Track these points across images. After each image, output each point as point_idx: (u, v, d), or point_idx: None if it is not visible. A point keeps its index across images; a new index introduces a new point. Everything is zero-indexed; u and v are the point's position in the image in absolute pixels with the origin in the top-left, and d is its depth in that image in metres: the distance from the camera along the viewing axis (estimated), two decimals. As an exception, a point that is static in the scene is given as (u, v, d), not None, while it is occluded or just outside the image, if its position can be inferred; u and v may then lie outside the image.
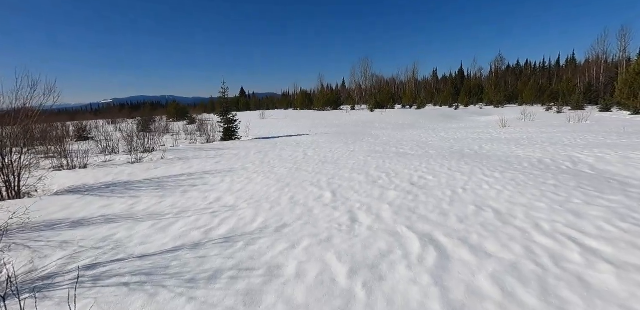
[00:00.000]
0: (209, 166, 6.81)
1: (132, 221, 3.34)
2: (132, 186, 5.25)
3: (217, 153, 8.82)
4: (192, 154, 8.85)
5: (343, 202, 3.64)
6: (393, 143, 9.89)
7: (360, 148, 8.83)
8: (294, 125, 19.50)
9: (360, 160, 6.58)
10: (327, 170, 5.61)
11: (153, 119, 29.43)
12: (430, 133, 13.27)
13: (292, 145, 9.95)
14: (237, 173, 5.81)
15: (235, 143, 11.31)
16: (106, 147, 9.57)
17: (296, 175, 5.29)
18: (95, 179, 6.04)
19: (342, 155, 7.41)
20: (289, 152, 8.41)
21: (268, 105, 58.20)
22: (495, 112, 31.84)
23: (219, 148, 9.97)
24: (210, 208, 3.69)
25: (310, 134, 13.98)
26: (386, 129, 16.34)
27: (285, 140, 11.60)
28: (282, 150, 8.98)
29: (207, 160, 7.57)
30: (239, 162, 7.14)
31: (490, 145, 8.26)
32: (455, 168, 5.14)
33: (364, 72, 59.21)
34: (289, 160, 7.14)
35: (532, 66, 61.84)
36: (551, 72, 57.09)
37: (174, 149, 10.14)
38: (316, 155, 7.75)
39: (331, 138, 12.00)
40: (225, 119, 12.66)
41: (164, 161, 7.74)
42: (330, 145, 9.60)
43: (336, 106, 43.34)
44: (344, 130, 15.52)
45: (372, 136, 12.56)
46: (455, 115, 29.45)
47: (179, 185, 5.10)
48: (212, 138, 12.42)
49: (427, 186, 4.12)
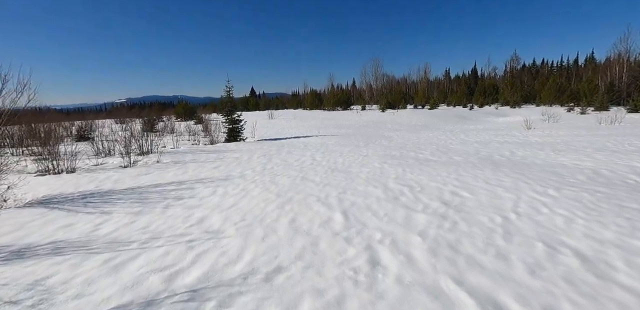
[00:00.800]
0: (204, 172, 6.05)
1: (84, 253, 2.57)
2: (110, 197, 4.51)
3: (217, 156, 8.08)
4: (191, 157, 8.12)
5: (358, 229, 2.79)
6: (409, 146, 8.97)
7: (374, 152, 7.95)
8: (303, 126, 18.70)
9: (376, 167, 5.71)
10: (337, 180, 4.77)
11: (160, 119, 29.11)
12: (449, 135, 12.27)
13: (300, 148, 9.14)
14: (233, 182, 5.02)
15: (239, 145, 10.57)
16: (102, 149, 8.93)
17: (300, 187, 4.46)
18: (76, 186, 5.34)
19: (354, 161, 6.56)
20: (295, 156, 7.60)
21: (277, 105, 57.59)
22: (512, 113, 30.43)
23: (221, 150, 9.23)
24: (188, 234, 2.90)
25: (320, 135, 13.14)
26: (399, 131, 15.39)
27: (292, 142, 10.81)
28: (288, 153, 8.17)
29: (205, 165, 6.82)
30: (238, 168, 6.36)
31: (523, 151, 7.27)
32: (493, 181, 4.23)
33: (375, 71, 58.08)
34: (295, 166, 6.32)
35: (550, 65, 59.71)
36: (570, 71, 54.96)
37: (173, 151, 9.45)
38: (325, 160, 6.92)
39: (341, 140, 11.14)
40: (230, 119, 11.94)
41: (159, 165, 7.03)
42: (340, 149, 8.75)
43: (346, 106, 42.43)
44: (355, 132, 14.64)
45: (385, 138, 11.65)
46: (471, 116, 28.18)
47: (164, 197, 4.34)
48: (215, 139, 11.72)
49: (464, 207, 3.24)
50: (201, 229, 3.02)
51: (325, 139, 11.48)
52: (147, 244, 2.72)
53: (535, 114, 25.19)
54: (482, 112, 32.09)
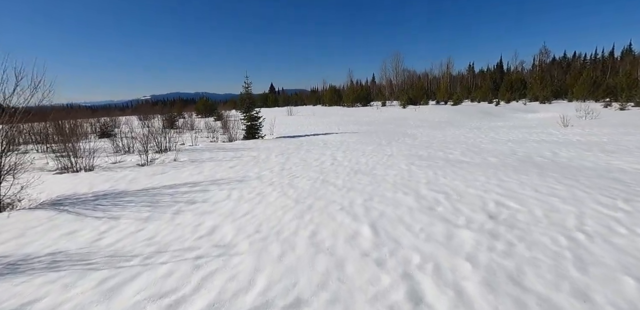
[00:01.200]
0: (220, 172, 5.78)
1: (80, 269, 2.29)
2: (122, 199, 4.30)
3: (234, 154, 7.82)
4: (209, 155, 7.91)
5: (391, 249, 2.37)
6: (436, 145, 8.38)
7: (399, 151, 7.44)
8: (322, 123, 18.28)
9: (403, 169, 5.23)
10: (361, 184, 4.34)
11: (181, 115, 29.50)
12: (477, 133, 11.51)
13: (319, 147, 8.75)
14: (250, 184, 4.69)
15: (257, 142, 10.30)
16: (121, 146, 8.88)
17: (321, 191, 4.06)
18: (90, 186, 5.19)
19: (379, 162, 6.09)
20: (315, 155, 7.22)
21: (296, 101, 57.42)
22: (541, 109, 28.74)
23: (239, 148, 8.98)
24: (196, 247, 2.57)
25: (340, 132, 12.69)
26: (423, 127, 14.68)
27: (311, 140, 10.43)
28: (307, 152, 7.80)
29: (221, 164, 6.56)
30: (255, 168, 6.04)
31: (566, 151, 6.56)
32: (543, 188, 3.68)
33: (395, 66, 56.64)
34: (314, 167, 5.93)
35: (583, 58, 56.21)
36: (605, 64, 51.49)
37: (192, 148, 9.30)
38: (346, 160, 6.49)
39: (363, 138, 10.66)
40: (248, 116, 11.69)
41: (175, 164, 6.84)
42: (362, 147, 8.28)
43: (366, 102, 41.59)
44: (376, 129, 14.08)
45: (408, 136, 11.06)
46: (497, 112, 26.80)
47: (175, 200, 4.06)
48: (233, 136, 11.51)
49: (516, 222, 2.74)
50: (211, 241, 2.69)
51: (345, 137, 11.02)
52: (150, 259, 2.41)
53: (569, 110, 23.59)
54: (509, 108, 30.52)
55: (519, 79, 47.14)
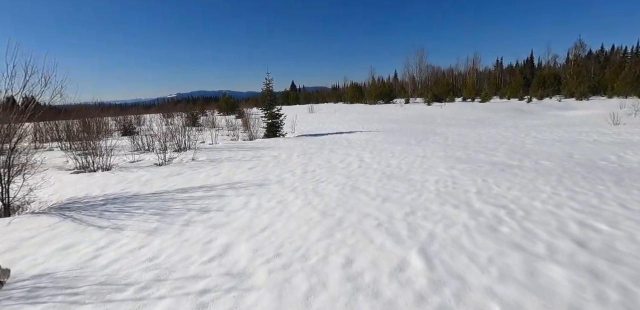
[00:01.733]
0: (238, 174, 5.33)
1: (60, 303, 1.86)
2: (131, 204, 3.92)
3: (254, 154, 7.39)
4: (227, 154, 7.53)
5: (455, 291, 1.77)
6: (473, 146, 7.59)
7: (432, 152, 6.74)
8: (344, 120, 17.65)
9: (444, 175, 4.56)
10: (398, 193, 3.73)
11: (204, 113, 29.69)
12: (515, 132, 10.52)
13: (343, 146, 8.17)
14: (270, 190, 4.19)
15: (278, 141, 9.85)
16: (141, 144, 8.67)
17: (352, 201, 3.49)
18: (102, 188, 4.88)
19: (412, 165, 5.44)
20: (340, 156, 6.65)
21: (317, 98, 56.88)
22: (579, 106, 26.72)
23: (259, 147, 8.56)
24: (204, 275, 2.08)
25: (364, 131, 12.03)
26: (452, 126, 13.74)
27: (334, 139, 9.86)
28: (331, 152, 7.25)
29: (240, 165, 6.13)
30: (276, 169, 5.56)
31: (633, 154, 5.64)
32: (635, 204, 2.93)
33: (419, 63, 54.69)
34: (340, 169, 5.37)
35: (623, 52, 52.20)
36: None
37: (211, 147, 8.97)
38: (375, 162, 5.87)
39: (389, 136, 9.97)
40: (269, 113, 11.26)
41: (193, 164, 6.49)
42: (390, 147, 7.63)
43: (389, 99, 40.47)
44: (402, 127, 13.30)
45: (438, 135, 10.25)
46: (531, 110, 25.13)
47: (188, 207, 3.63)
48: (254, 135, 11.13)
49: (619, 254, 2.07)
50: (222, 266, 2.19)
51: (370, 135, 10.37)
52: (147, 291, 1.94)
53: (611, 107, 21.69)
54: (543, 105, 28.63)
55: (552, 74, 44.34)
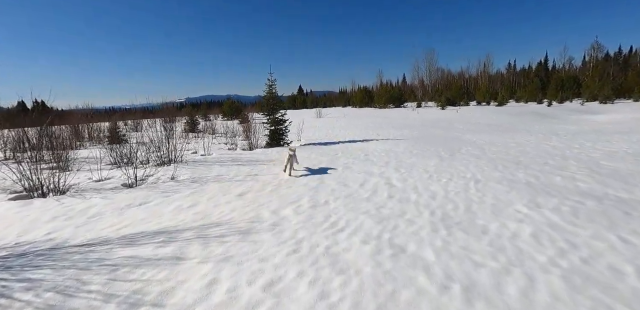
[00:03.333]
0: (221, 207, 3.87)
1: None
2: (32, 272, 2.46)
3: (250, 170, 5.93)
4: (218, 170, 6.08)
5: None
6: (527, 161, 6.02)
7: (479, 170, 5.19)
8: (355, 126, 16.12)
9: (534, 220, 3.02)
10: (483, 268, 2.21)
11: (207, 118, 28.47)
12: (561, 140, 8.89)
13: (360, 159, 6.66)
14: (258, 247, 2.71)
15: (281, 152, 8.37)
16: (116, 157, 7.24)
17: (403, 293, 1.97)
18: (24, 229, 3.45)
19: (467, 194, 3.91)
20: (359, 176, 5.14)
21: (325, 102, 55.55)
22: (606, 110, 24.76)
23: (258, 160, 7.10)
24: None
25: (380, 138, 10.49)
26: (477, 132, 12.12)
27: (347, 149, 8.35)
28: (345, 170, 5.75)
29: (229, 189, 4.68)
30: (273, 200, 4.08)
31: None
32: None
33: (428, 65, 53.03)
34: (364, 200, 3.86)
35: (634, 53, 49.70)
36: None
37: (202, 159, 7.54)
38: (410, 187, 4.35)
39: (411, 146, 8.42)
40: (272, 119, 9.81)
41: (169, 186, 5.04)
42: (420, 162, 6.10)
43: (399, 103, 38.85)
44: (422, 134, 11.72)
45: (469, 144, 8.67)
46: (553, 114, 23.22)
47: (107, 291, 2.15)
48: (254, 143, 9.68)
49: None
50: None
51: (389, 144, 8.83)
52: None
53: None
54: (565, 109, 26.71)
55: (570, 76, 42.29)
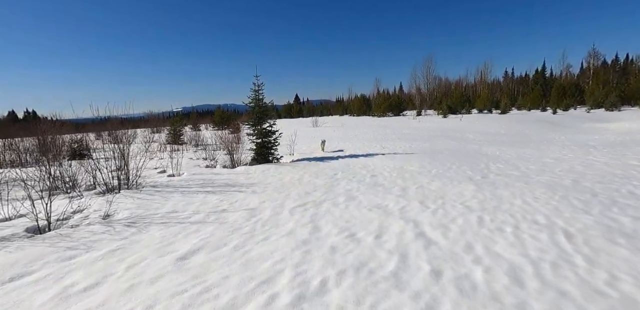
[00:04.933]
0: (138, 290, 2.28)
1: None
2: None
3: (219, 202, 4.37)
4: (175, 201, 4.50)
5: None
6: (601, 190, 4.50)
7: (554, 210, 3.67)
8: (355, 136, 14.63)
9: None
10: None
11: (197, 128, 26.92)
12: (605, 153, 7.42)
13: (367, 185, 5.11)
14: None
15: (267, 171, 6.81)
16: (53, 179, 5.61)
17: None
18: None
19: (576, 271, 2.36)
20: (371, 220, 3.58)
21: (322, 111, 54.29)
22: (614, 118, 23.56)
23: (235, 184, 5.53)
24: None
25: (386, 152, 8.98)
26: (497, 144, 10.67)
27: (348, 166, 6.81)
28: (350, 200, 4.20)
29: (175, 239, 3.11)
30: (238, 262, 2.51)
31: None
32: None
33: (426, 74, 52.28)
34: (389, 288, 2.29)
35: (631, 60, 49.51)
36: None
37: (166, 182, 5.96)
38: (462, 248, 2.82)
39: (427, 163, 6.90)
40: (258, 130, 8.30)
41: (88, 234, 3.45)
42: (449, 189, 4.56)
43: (398, 112, 37.63)
44: (433, 146, 10.23)
45: (496, 159, 7.18)
46: (565, 122, 21.94)
47: None
48: (237, 160, 8.14)
49: None
50: None
51: (398, 161, 7.30)
52: None
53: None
54: (573, 117, 25.53)
55: (572, 83, 41.49)
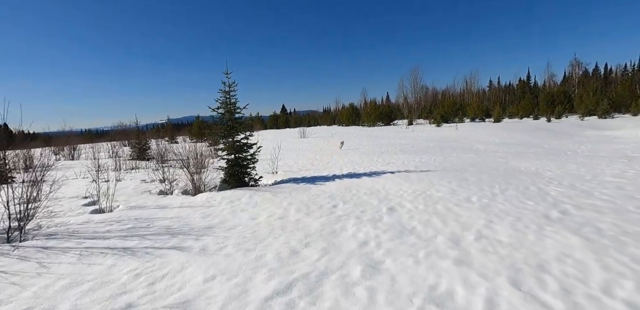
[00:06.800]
0: None
1: None
2: None
3: (132, 276, 2.37)
4: (52, 276, 2.45)
5: None
6: None
7: None
8: (349, 148, 12.79)
9: None
10: None
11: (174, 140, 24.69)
12: None
13: (389, 230, 3.19)
14: None
15: (237, 202, 4.82)
16: None
17: None
18: None
19: None
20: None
21: (309, 121, 52.65)
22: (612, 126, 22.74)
23: (180, 230, 3.51)
24: None
25: (395, 169, 7.11)
26: (521, 156, 9.01)
27: (350, 191, 4.90)
28: (370, 275, 2.26)
29: None
30: None
31: None
32: None
33: (414, 83, 51.99)
34: None
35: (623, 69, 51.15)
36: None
37: (73, 229, 3.89)
38: None
39: (454, 184, 5.06)
40: (230, 144, 6.37)
41: None
42: (534, 241, 2.69)
43: (389, 121, 36.33)
44: (449, 160, 8.46)
45: (540, 178, 5.43)
46: (566, 130, 20.78)
47: None
48: (199, 185, 6.14)
49: None
50: None
51: (416, 182, 5.43)
52: None
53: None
54: (571, 125, 24.67)
55: (561, 91, 41.40)
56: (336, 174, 6.86)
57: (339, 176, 6.59)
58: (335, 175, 6.80)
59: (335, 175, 6.71)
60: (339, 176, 6.59)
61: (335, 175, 6.71)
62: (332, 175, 6.74)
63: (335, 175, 6.80)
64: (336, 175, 6.78)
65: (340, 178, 6.36)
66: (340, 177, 6.50)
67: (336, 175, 6.78)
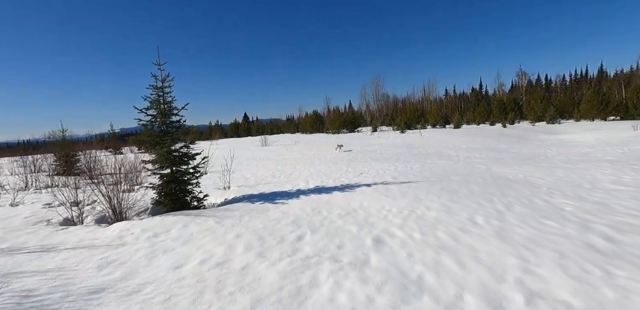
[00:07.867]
0: None
1: None
2: None
3: None
4: None
5: None
6: None
7: None
8: (315, 158, 11.67)
9: None
10: None
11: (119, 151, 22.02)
12: (635, 176, 5.36)
13: (383, 287, 2.04)
14: None
15: (162, 236, 3.43)
16: None
17: None
18: None
19: None
20: None
21: (272, 129, 51.09)
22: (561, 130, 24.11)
23: (41, 303, 2.07)
24: None
25: (370, 181, 6.07)
26: (499, 162, 8.47)
27: (321, 214, 3.74)
28: None
29: None
30: None
31: None
32: None
33: (375, 91, 52.98)
34: None
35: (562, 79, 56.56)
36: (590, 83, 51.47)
37: None
38: None
39: (445, 198, 4.11)
40: (163, 155, 4.96)
41: None
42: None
43: (353, 128, 36.03)
44: (427, 169, 7.64)
45: (535, 188, 4.70)
46: (525, 136, 21.46)
47: None
48: (127, 207, 4.65)
49: None
50: None
51: (398, 198, 4.40)
52: None
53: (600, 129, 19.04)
54: (526, 130, 25.82)
55: (511, 99, 44.10)
56: (301, 189, 5.67)
57: (304, 191, 5.40)
58: (300, 190, 5.60)
59: (300, 190, 5.51)
60: (304, 191, 5.40)
61: (300, 190, 5.51)
62: (297, 190, 5.54)
63: (300, 190, 5.60)
64: (301, 190, 5.58)
65: (306, 194, 5.18)
66: (305, 192, 5.31)
67: (301, 190, 5.58)
